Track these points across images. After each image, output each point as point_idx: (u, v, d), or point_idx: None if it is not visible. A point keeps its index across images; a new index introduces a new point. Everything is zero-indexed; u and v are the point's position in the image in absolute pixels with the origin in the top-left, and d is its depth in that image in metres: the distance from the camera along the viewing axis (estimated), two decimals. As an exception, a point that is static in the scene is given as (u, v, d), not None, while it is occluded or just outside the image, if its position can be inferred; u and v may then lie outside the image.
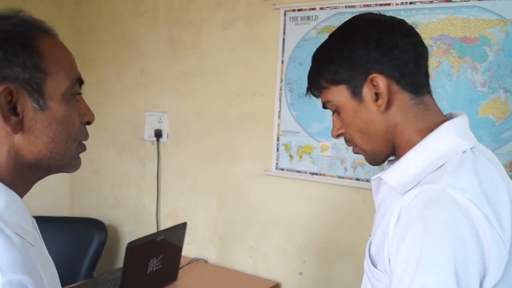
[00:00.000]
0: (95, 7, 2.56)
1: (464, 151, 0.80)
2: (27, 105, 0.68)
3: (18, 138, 0.69)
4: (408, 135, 0.86)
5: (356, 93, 0.87)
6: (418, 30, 1.63)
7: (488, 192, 0.74)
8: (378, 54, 0.85)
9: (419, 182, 0.79)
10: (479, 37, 1.56)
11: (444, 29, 1.62)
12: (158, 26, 2.34)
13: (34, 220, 0.76)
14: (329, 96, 0.91)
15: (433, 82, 1.61)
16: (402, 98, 0.85)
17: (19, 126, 0.68)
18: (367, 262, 0.88)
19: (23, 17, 0.71)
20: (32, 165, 0.71)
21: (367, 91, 0.86)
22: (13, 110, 0.68)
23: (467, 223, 0.69)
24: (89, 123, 0.79)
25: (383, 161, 0.93)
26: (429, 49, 1.63)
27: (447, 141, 0.81)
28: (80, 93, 0.77)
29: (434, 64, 1.63)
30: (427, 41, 1.63)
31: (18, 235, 0.66)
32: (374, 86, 0.85)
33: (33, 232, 0.73)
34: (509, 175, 1.50)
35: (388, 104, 0.85)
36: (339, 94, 0.89)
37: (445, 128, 0.83)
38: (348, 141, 0.94)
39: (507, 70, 1.52)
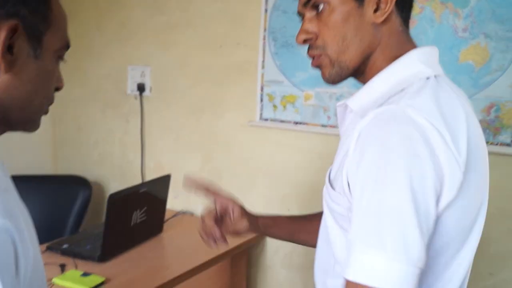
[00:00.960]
0: (72, -43, 2.54)
1: (428, 78, 0.82)
2: (24, 49, 0.68)
3: (4, 78, 0.68)
4: (384, 57, 0.87)
5: None
6: (401, -24, 1.67)
7: (445, 115, 0.75)
8: None
9: (380, 105, 0.81)
10: (462, -18, 1.61)
11: (427, -25, 1.66)
12: (139, -24, 2.34)
13: (5, 167, 0.75)
14: None
15: (415, 28, 1.68)
16: (395, 21, 0.87)
17: (10, 66, 0.67)
18: (326, 188, 0.90)
19: None
20: (5, 111, 0.70)
21: None
22: (9, 48, 0.67)
23: (423, 141, 0.71)
24: (58, 89, 0.79)
25: (343, 80, 0.91)
26: (412, -5, 1.67)
27: (411, 67, 0.84)
28: (62, 58, 0.79)
29: (417, 10, 1.68)
30: (410, -13, 1.68)
31: None
32: None
33: (5, 178, 0.72)
34: (486, 119, 1.59)
35: (384, 20, 0.85)
36: None
37: (411, 55, 0.85)
38: (316, 48, 0.89)
39: (488, 15, 1.58)
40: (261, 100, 2.03)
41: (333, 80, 0.90)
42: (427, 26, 1.67)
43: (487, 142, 1.57)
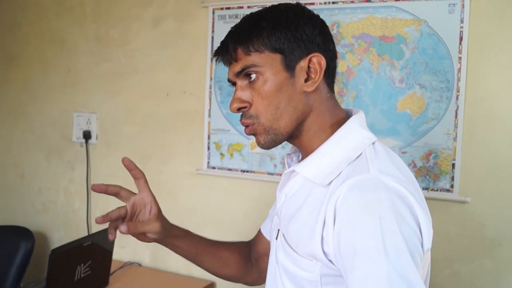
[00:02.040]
0: (19, 2, 2.56)
1: (373, 142, 0.91)
2: None
3: None
4: (319, 123, 0.93)
5: (290, 67, 0.90)
6: (340, 29, 1.80)
7: (406, 176, 0.84)
8: (321, 40, 0.92)
9: (340, 173, 0.86)
10: (396, 36, 1.73)
11: (365, 28, 1.77)
12: (85, 22, 2.38)
13: None
14: (258, 60, 0.90)
15: (355, 79, 1.78)
16: (323, 88, 0.94)
17: None
18: (285, 251, 0.93)
19: None
20: None
21: (300, 68, 0.91)
22: None
23: (404, 204, 0.78)
24: None
25: (277, 145, 0.95)
26: (351, 48, 1.79)
27: (357, 134, 0.91)
28: None
29: (355, 62, 1.78)
30: (348, 40, 1.79)
31: None
32: (309, 67, 0.91)
33: None
34: (425, 166, 1.68)
35: (314, 88, 0.91)
36: (271, 61, 0.90)
37: (354, 122, 0.93)
38: (250, 117, 0.93)
39: (421, 67, 1.69)
40: (208, 148, 2.08)
41: (268, 146, 0.94)
42: (366, 77, 1.77)
43: (427, 189, 1.68)
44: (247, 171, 2.00)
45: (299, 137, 0.95)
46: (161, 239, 1.08)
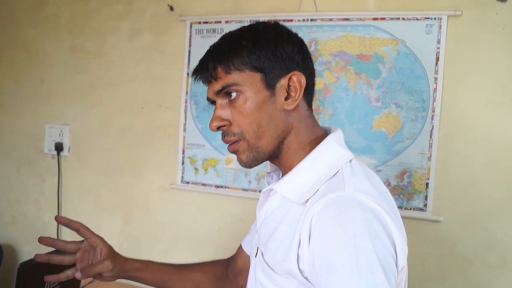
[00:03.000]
0: (-9, 12, 2.42)
1: (351, 160, 0.87)
2: None
3: None
4: (299, 142, 0.90)
5: (270, 85, 0.87)
6: (318, 46, 1.72)
7: (382, 194, 0.81)
8: (300, 58, 0.89)
9: (317, 191, 0.83)
10: (374, 55, 1.66)
11: (343, 46, 1.70)
12: (60, 33, 2.24)
13: None
14: (238, 79, 0.86)
15: (331, 96, 1.70)
16: (302, 106, 0.90)
17: None
18: (262, 269, 0.89)
19: None
20: None
21: (281, 86, 0.87)
22: None
23: (378, 222, 0.75)
24: None
25: (259, 164, 0.91)
26: (328, 65, 1.71)
27: (334, 152, 0.88)
28: None
29: (333, 80, 1.70)
30: (326, 57, 1.71)
31: None
32: (289, 85, 0.88)
33: None
34: (399, 185, 1.60)
35: (294, 106, 0.88)
36: (252, 80, 0.86)
37: (331, 140, 0.89)
38: (232, 135, 0.89)
39: (398, 87, 1.63)
40: (183, 163, 1.96)
41: (250, 164, 0.91)
42: (343, 95, 1.69)
43: (401, 207, 1.61)
44: (222, 187, 1.89)
45: (279, 156, 0.92)
46: (119, 276, 1.07)
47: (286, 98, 0.88)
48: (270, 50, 0.87)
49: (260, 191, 1.81)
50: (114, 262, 1.05)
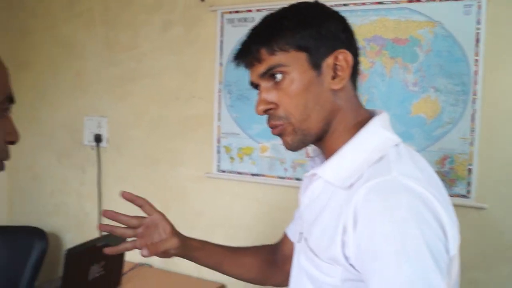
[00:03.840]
0: (28, 9, 2.39)
1: (397, 144, 0.80)
2: None
3: None
4: (345, 124, 0.83)
5: (316, 65, 0.80)
6: (352, 31, 1.61)
7: (429, 179, 0.75)
8: (345, 36, 0.83)
9: (361, 175, 0.76)
10: (410, 38, 1.55)
11: (377, 31, 1.59)
12: (94, 27, 2.20)
13: None
14: (284, 60, 0.80)
15: (367, 82, 1.60)
16: (349, 86, 0.84)
17: None
18: (306, 256, 0.85)
19: None
20: None
21: (327, 65, 0.81)
22: None
23: (426, 207, 0.69)
24: (13, 142, 0.72)
25: (305, 146, 0.85)
26: (363, 50, 1.61)
27: (379, 135, 0.81)
28: (7, 113, 0.71)
29: (367, 65, 1.60)
30: (360, 42, 1.60)
31: None
32: (335, 64, 0.81)
33: None
34: (440, 171, 1.50)
35: (341, 85, 0.82)
36: (297, 61, 0.80)
37: (376, 123, 0.82)
38: (278, 118, 0.83)
39: (436, 70, 1.51)
40: (218, 151, 1.90)
41: (296, 147, 0.85)
42: (378, 80, 1.59)
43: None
44: (257, 175, 1.82)
45: (324, 138, 0.85)
46: (181, 253, 1.03)
47: (333, 78, 0.81)
48: (314, 28, 0.80)
49: (296, 179, 1.74)
50: (180, 239, 1.02)
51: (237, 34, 1.81)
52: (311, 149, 0.95)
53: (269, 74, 0.81)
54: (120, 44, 2.13)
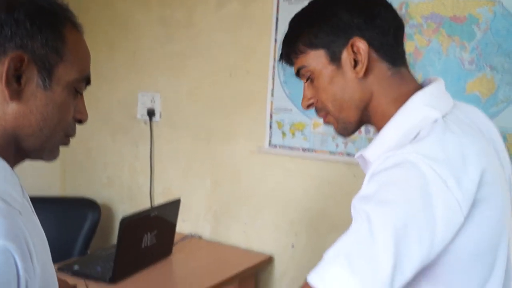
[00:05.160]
0: (85, -13, 2.51)
1: (435, 121, 0.80)
2: (33, 80, 0.70)
3: (12, 106, 0.69)
4: (383, 105, 0.87)
5: (335, 58, 0.86)
6: (409, 9, 1.67)
7: (450, 158, 0.74)
8: (361, 21, 0.85)
9: None
10: (468, 17, 1.58)
11: (435, 8, 1.63)
12: (150, 5, 2.31)
13: (24, 191, 0.76)
14: (305, 61, 0.88)
15: (422, 60, 1.65)
16: (380, 67, 0.86)
17: (16, 95, 0.69)
18: None
19: (60, 3, 0.75)
20: (17, 138, 0.71)
21: (346, 56, 0.86)
22: (18, 78, 0.69)
23: (420, 188, 0.72)
24: (81, 122, 0.79)
25: (353, 132, 0.93)
26: (419, 28, 1.66)
27: (416, 113, 0.82)
28: (82, 92, 0.79)
29: (424, 43, 1.65)
30: (417, 20, 1.66)
31: (6, 201, 0.66)
32: (353, 52, 0.85)
33: (23, 201, 0.72)
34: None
35: (366, 72, 0.85)
36: (317, 58, 0.87)
37: (415, 100, 0.84)
38: (320, 110, 0.92)
39: (493, 49, 1.55)
40: (270, 127, 1.99)
41: (343, 134, 0.94)
42: (434, 58, 1.64)
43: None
44: (309, 150, 1.90)
45: (370, 121, 0.91)
46: None
47: (354, 67, 0.86)
48: (325, 24, 0.86)
49: (347, 155, 1.82)
50: None
51: (293, 12, 1.86)
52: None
53: (301, 74, 0.91)
54: (176, 22, 2.23)
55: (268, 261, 2.02)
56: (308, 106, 0.93)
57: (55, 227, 2.39)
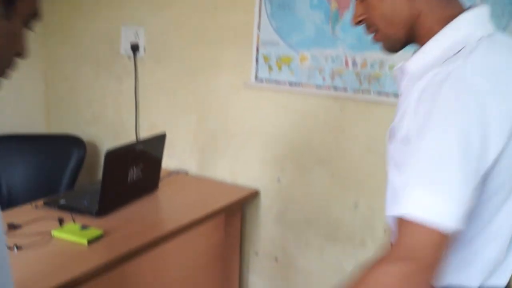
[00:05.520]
0: None
1: (480, 39, 0.84)
2: None
3: None
4: (429, 23, 0.90)
5: None
6: None
7: (497, 72, 0.80)
8: None
9: (436, 67, 0.84)
10: None
11: None
12: None
13: None
14: None
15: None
16: None
17: None
18: (394, 146, 0.93)
19: None
20: None
21: None
22: None
23: (474, 98, 0.76)
24: (19, 55, 0.74)
25: (400, 49, 0.96)
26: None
27: (461, 30, 0.86)
28: (30, 28, 0.75)
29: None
30: None
31: None
32: None
33: None
34: None
35: None
36: None
37: (462, 18, 0.87)
38: (370, 27, 0.96)
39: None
40: (257, 61, 1.97)
41: (390, 51, 0.97)
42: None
43: None
44: (295, 84, 1.90)
45: (416, 39, 0.94)
46: None
47: None
48: None
49: (334, 88, 1.82)
50: None
51: None
52: None
53: None
54: (159, -49, 2.15)
55: (254, 195, 2.07)
56: (358, 23, 0.97)
57: (40, 164, 2.39)
